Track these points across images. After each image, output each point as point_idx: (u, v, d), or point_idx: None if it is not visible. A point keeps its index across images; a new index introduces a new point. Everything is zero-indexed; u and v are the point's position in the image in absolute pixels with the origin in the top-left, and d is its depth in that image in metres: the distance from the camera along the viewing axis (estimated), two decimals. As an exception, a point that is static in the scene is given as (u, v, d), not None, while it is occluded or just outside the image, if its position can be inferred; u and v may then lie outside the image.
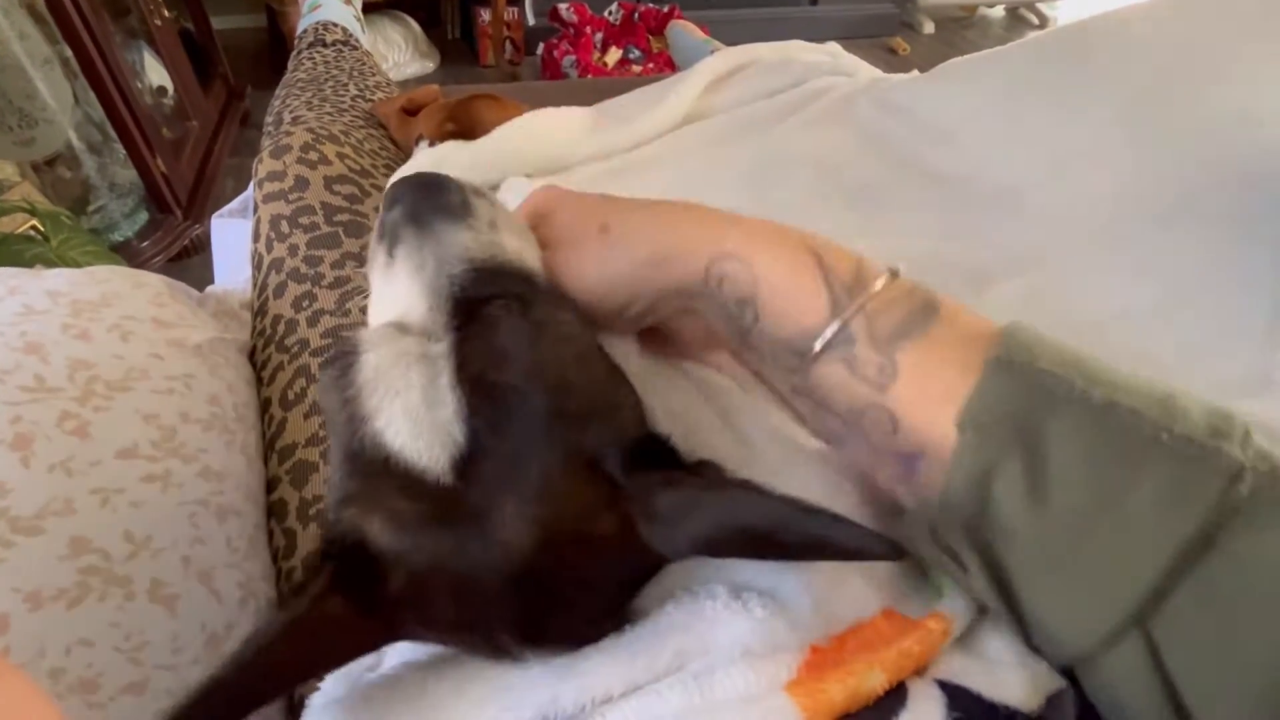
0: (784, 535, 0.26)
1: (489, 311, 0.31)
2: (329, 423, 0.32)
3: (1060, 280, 0.47)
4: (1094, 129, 0.50)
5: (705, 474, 0.28)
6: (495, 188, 0.66)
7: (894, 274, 0.31)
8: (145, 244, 1.58)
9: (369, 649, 0.30)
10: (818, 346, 0.30)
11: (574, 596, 0.29)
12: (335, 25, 1.07)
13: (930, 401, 0.28)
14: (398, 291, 0.33)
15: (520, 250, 0.35)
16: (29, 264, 1.05)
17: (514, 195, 0.59)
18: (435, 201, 0.34)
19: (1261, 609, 0.23)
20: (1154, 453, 0.24)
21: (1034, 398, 0.26)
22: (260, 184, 0.66)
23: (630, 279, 0.34)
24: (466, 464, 0.28)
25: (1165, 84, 0.47)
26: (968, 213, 0.56)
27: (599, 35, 2.31)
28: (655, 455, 0.29)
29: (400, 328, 0.32)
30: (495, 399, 0.28)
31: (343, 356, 0.31)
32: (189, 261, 1.64)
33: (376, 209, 0.65)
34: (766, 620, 0.28)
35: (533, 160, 0.72)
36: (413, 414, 0.28)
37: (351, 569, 0.28)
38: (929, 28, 3.00)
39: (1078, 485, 0.25)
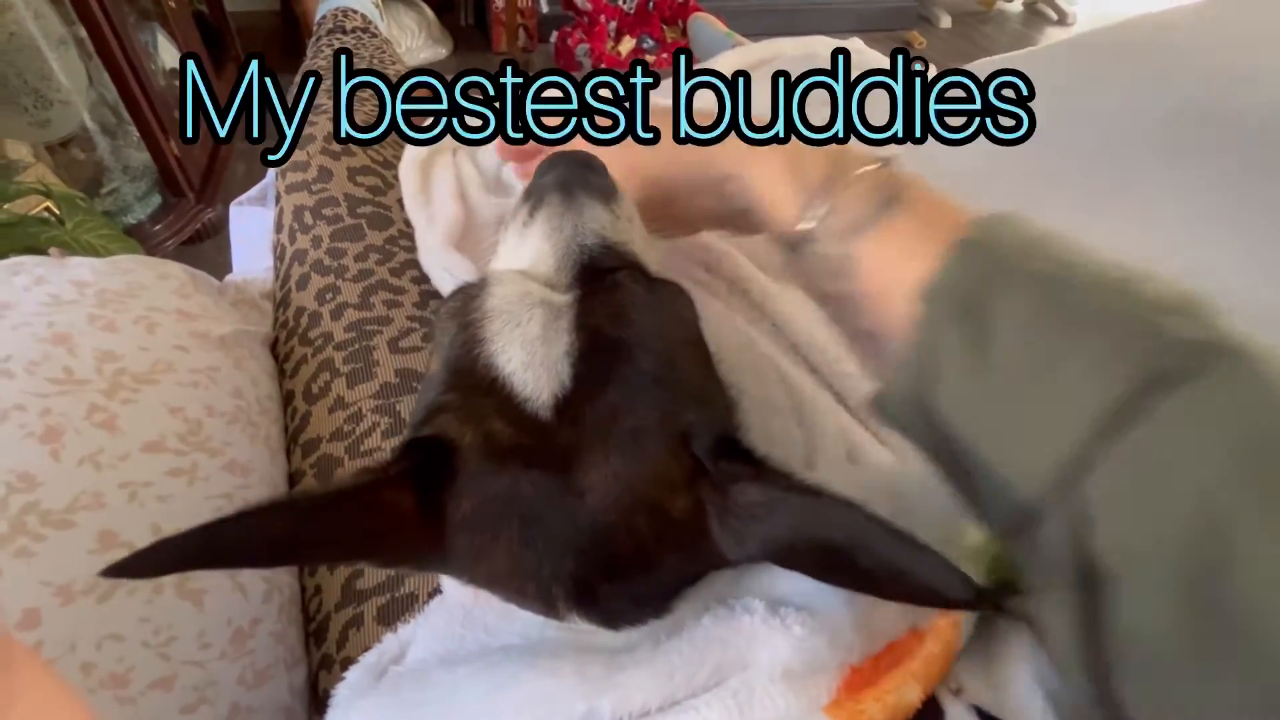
0: (863, 558, 0.24)
1: (615, 277, 0.32)
2: (437, 344, 0.33)
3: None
4: (1135, 136, 0.49)
5: (791, 478, 0.27)
6: None
7: (882, 165, 0.34)
8: (158, 227, 1.58)
9: (411, 560, 0.30)
10: (791, 244, 0.34)
11: (631, 569, 0.28)
12: (355, 12, 1.06)
13: (890, 285, 0.31)
14: (529, 247, 0.34)
15: (645, 250, 0.36)
16: (44, 246, 1.05)
17: None
18: (586, 178, 0.35)
19: (1180, 480, 0.23)
20: (1092, 326, 0.25)
21: (987, 274, 0.27)
22: (283, 174, 0.66)
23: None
24: (566, 405, 0.28)
25: (1209, 89, 0.47)
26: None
27: (613, 24, 2.29)
28: (742, 457, 0.29)
29: (527, 275, 0.33)
30: (607, 351, 0.29)
31: (468, 288, 0.32)
32: (201, 245, 1.64)
33: (399, 201, 0.65)
34: (806, 639, 0.27)
35: None
36: (529, 345, 0.29)
37: (428, 475, 0.28)
38: (946, 21, 2.97)
39: (1017, 353, 0.26)
